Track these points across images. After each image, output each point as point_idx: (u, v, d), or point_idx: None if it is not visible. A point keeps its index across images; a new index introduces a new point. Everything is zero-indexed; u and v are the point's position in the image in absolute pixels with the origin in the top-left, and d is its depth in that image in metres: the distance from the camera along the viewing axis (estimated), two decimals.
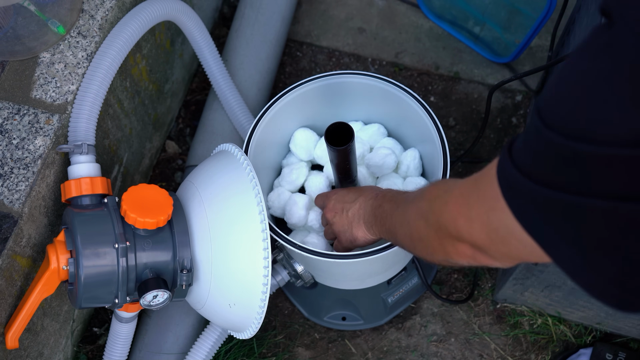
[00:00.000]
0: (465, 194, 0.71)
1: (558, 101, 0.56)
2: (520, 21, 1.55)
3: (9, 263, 1.04)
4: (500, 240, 0.66)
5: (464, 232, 0.71)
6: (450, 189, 0.75)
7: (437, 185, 0.82)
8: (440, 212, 0.76)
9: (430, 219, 0.78)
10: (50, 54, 1.16)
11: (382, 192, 1.04)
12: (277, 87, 1.65)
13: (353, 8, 1.74)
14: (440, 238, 0.77)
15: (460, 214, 0.72)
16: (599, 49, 0.53)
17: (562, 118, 0.54)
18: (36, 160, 1.08)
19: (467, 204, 0.71)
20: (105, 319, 1.43)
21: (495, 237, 0.67)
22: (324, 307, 1.42)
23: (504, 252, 0.68)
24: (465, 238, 0.72)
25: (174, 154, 1.60)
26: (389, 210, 0.96)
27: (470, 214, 0.70)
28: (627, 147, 0.50)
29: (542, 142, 0.56)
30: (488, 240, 0.69)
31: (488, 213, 0.66)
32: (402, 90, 1.20)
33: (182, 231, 1.07)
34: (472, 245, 0.72)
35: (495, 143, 1.59)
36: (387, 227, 0.96)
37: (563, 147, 0.54)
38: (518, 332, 1.43)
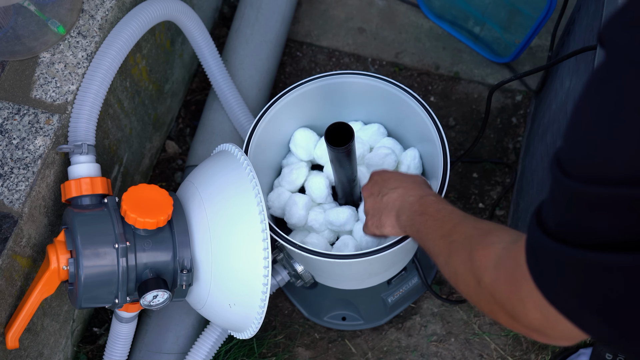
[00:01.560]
0: (511, 271, 0.66)
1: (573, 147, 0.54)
2: (520, 21, 1.55)
3: (9, 263, 1.04)
4: (555, 319, 0.61)
5: (519, 314, 0.66)
6: (499, 263, 0.70)
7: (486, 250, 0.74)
8: (493, 288, 0.70)
9: (481, 287, 0.73)
10: (50, 54, 1.16)
11: (426, 198, 0.98)
12: (277, 87, 1.65)
13: (353, 8, 1.74)
14: (493, 310, 0.72)
15: (512, 293, 0.66)
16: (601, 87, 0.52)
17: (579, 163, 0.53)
18: (36, 160, 1.08)
19: (515, 282, 0.65)
20: (105, 319, 1.43)
21: (548, 315, 0.61)
22: (324, 307, 1.42)
23: (560, 331, 0.63)
24: (521, 320, 0.67)
25: (174, 154, 1.60)
26: (431, 228, 0.91)
27: (521, 294, 0.64)
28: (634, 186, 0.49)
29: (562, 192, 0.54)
30: (544, 321, 0.63)
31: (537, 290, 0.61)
32: (402, 90, 1.20)
33: (182, 231, 1.07)
34: (526, 327, 0.67)
35: (495, 143, 1.59)
36: (424, 244, 0.92)
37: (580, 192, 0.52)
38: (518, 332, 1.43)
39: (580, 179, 0.52)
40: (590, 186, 0.51)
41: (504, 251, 0.70)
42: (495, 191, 1.55)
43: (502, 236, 0.74)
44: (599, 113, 0.52)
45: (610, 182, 0.50)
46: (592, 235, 0.53)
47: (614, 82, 0.51)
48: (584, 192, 0.52)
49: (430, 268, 1.46)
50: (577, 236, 0.54)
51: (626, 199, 0.49)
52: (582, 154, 0.52)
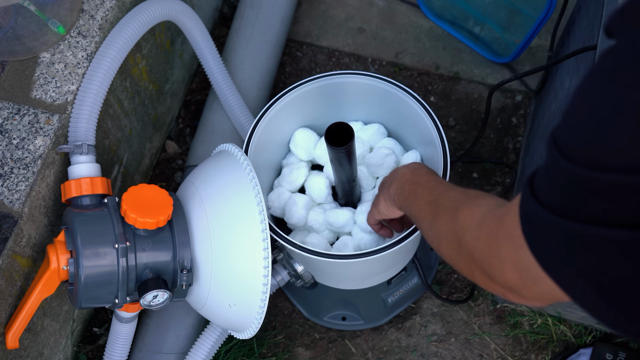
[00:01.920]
0: (494, 231, 0.69)
1: (573, 130, 0.55)
2: (520, 21, 1.55)
3: (9, 263, 1.04)
4: (532, 280, 0.63)
5: (496, 273, 0.69)
6: (482, 223, 0.72)
7: (471, 211, 0.76)
8: (473, 246, 0.73)
9: (462, 246, 0.75)
10: (50, 54, 1.16)
11: (419, 170, 1.00)
12: (277, 87, 1.65)
13: (353, 8, 1.74)
14: (471, 269, 0.75)
15: (492, 253, 0.68)
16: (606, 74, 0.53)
17: (578, 147, 0.54)
18: (36, 160, 1.08)
19: (496, 242, 0.68)
20: (105, 319, 1.43)
21: (526, 277, 0.64)
22: (324, 307, 1.42)
23: (535, 293, 0.65)
24: (497, 279, 0.69)
25: (174, 154, 1.60)
26: (419, 195, 0.93)
27: (501, 254, 0.67)
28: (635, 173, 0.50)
29: (559, 172, 0.55)
30: (520, 281, 0.65)
31: (517, 252, 0.64)
32: (402, 90, 1.20)
33: (182, 231, 1.07)
34: (502, 285, 0.69)
35: (495, 143, 1.59)
36: (410, 210, 0.94)
37: (578, 176, 0.53)
38: (518, 332, 1.43)
39: (578, 162, 0.53)
40: (589, 171, 0.52)
41: (488, 212, 0.72)
42: (495, 191, 1.55)
43: (487, 200, 0.77)
44: (603, 101, 0.52)
45: (609, 168, 0.51)
46: (589, 215, 0.53)
47: (621, 75, 0.51)
48: (581, 176, 0.53)
49: (430, 268, 1.46)
50: (574, 212, 0.55)
51: (624, 186, 0.50)
52: (582, 138, 0.53)
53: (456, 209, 0.80)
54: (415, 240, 1.30)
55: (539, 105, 1.46)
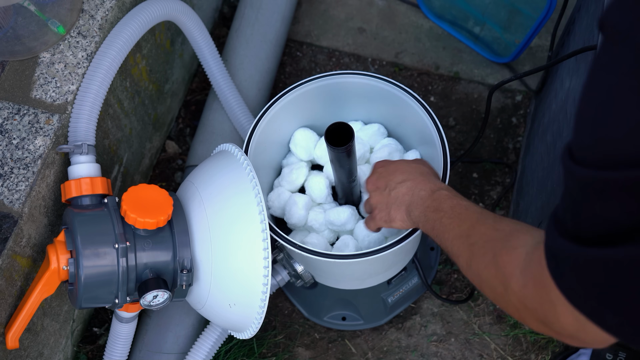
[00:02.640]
0: (539, 276, 0.64)
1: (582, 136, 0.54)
2: (520, 21, 1.55)
3: (9, 263, 1.04)
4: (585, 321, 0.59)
5: (551, 320, 0.64)
6: (526, 269, 0.68)
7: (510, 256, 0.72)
8: (523, 295, 0.68)
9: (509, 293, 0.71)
10: (50, 54, 1.16)
11: (438, 192, 0.95)
12: (277, 87, 1.65)
13: (353, 8, 1.74)
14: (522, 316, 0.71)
15: (543, 299, 0.64)
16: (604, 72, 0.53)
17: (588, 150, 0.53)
18: (36, 160, 1.08)
19: (544, 287, 0.63)
20: (105, 319, 1.43)
21: (582, 319, 0.60)
22: (324, 307, 1.42)
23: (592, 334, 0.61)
24: (553, 326, 0.65)
25: (174, 154, 1.60)
26: (447, 227, 0.88)
27: (552, 298, 0.62)
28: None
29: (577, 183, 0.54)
30: (576, 324, 0.62)
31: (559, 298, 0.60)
32: (402, 90, 1.20)
33: (182, 231, 1.07)
34: (559, 333, 0.65)
35: (495, 143, 1.59)
36: (441, 242, 0.90)
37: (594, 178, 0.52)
38: (518, 332, 1.43)
39: (589, 164, 0.52)
40: (599, 171, 0.51)
41: (528, 255, 0.68)
42: (495, 191, 1.55)
43: (524, 239, 0.72)
44: (605, 98, 0.52)
45: (619, 164, 0.50)
46: (605, 224, 0.52)
47: (617, 66, 0.51)
48: (593, 177, 0.52)
49: (430, 268, 1.46)
50: (592, 227, 0.53)
51: (633, 181, 0.49)
52: (590, 140, 0.52)
53: (494, 253, 0.75)
54: (415, 240, 1.30)
55: (539, 105, 1.46)
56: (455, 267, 1.49)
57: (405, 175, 1.02)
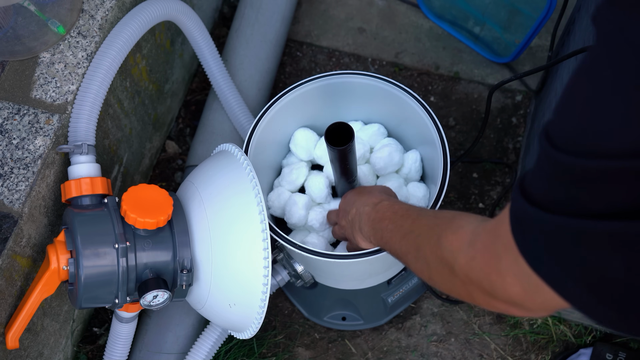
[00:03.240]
0: (490, 246, 0.67)
1: (564, 120, 0.54)
2: (520, 21, 1.55)
3: (9, 263, 1.04)
4: (535, 289, 0.61)
5: (498, 288, 0.66)
6: (474, 241, 0.70)
7: (457, 234, 0.74)
8: (469, 267, 0.70)
9: (456, 270, 0.73)
10: (50, 54, 1.16)
11: (380, 204, 1.00)
12: (277, 87, 1.65)
13: (353, 8, 1.74)
14: (469, 291, 0.72)
15: (491, 268, 0.66)
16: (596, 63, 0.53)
17: (569, 137, 0.53)
18: (36, 160, 1.08)
19: (494, 255, 0.65)
20: (105, 319, 1.43)
21: (529, 286, 0.62)
22: (324, 307, 1.42)
23: (540, 303, 0.63)
24: (499, 294, 0.67)
25: (174, 154, 1.60)
26: (392, 232, 0.91)
27: (500, 266, 0.64)
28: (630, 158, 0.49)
29: (551, 165, 0.55)
30: (523, 293, 0.63)
31: (517, 260, 0.61)
32: (402, 90, 1.20)
33: (182, 231, 1.07)
34: (505, 301, 0.67)
35: (495, 143, 1.59)
36: (391, 248, 0.93)
37: (570, 165, 0.53)
38: (518, 332, 1.43)
39: (570, 152, 0.52)
40: (579, 159, 0.51)
41: (477, 229, 0.70)
42: (495, 191, 1.55)
43: (468, 219, 0.74)
44: (593, 89, 0.52)
45: (602, 154, 0.50)
46: (580, 207, 0.53)
47: (609, 60, 0.51)
48: (573, 165, 0.52)
49: None
50: (565, 207, 0.54)
51: (617, 171, 0.50)
52: (573, 127, 0.53)
53: (438, 235, 0.77)
54: None
55: (539, 105, 1.46)
56: None
57: (354, 198, 1.08)
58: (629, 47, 0.50)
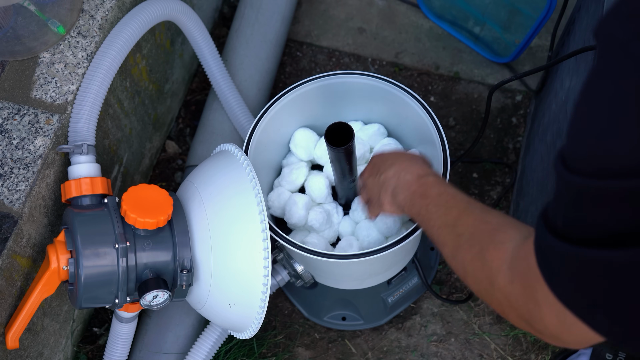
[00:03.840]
0: (526, 274, 0.64)
1: (576, 143, 0.54)
2: (520, 21, 1.55)
3: (9, 263, 1.04)
4: (571, 324, 0.60)
5: (535, 319, 0.64)
6: (513, 266, 0.68)
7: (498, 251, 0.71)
8: (508, 291, 0.68)
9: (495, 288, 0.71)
10: (50, 54, 1.16)
11: (425, 178, 0.95)
12: (277, 87, 1.65)
13: (353, 8, 1.74)
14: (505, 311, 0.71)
15: (528, 297, 0.64)
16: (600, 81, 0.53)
17: (584, 159, 0.53)
18: (36, 160, 1.08)
19: (530, 285, 0.63)
20: (105, 319, 1.43)
21: (564, 320, 0.60)
22: (324, 307, 1.42)
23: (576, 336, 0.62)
24: (536, 325, 0.65)
25: (174, 154, 1.60)
26: (434, 214, 0.88)
27: (537, 297, 0.63)
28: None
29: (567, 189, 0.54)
30: (559, 325, 0.62)
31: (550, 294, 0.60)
32: (402, 90, 1.20)
33: (182, 231, 1.07)
34: (541, 332, 0.66)
35: (495, 143, 1.59)
36: (426, 228, 0.90)
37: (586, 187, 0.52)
38: (518, 332, 1.43)
39: (583, 173, 0.52)
40: (593, 179, 0.51)
41: (515, 251, 0.68)
42: (495, 191, 1.55)
43: (512, 234, 0.71)
44: (600, 107, 0.52)
45: (613, 174, 0.50)
46: (598, 230, 0.52)
47: (613, 76, 0.51)
48: (587, 186, 0.52)
49: (430, 268, 1.46)
50: (584, 232, 0.54)
51: (629, 191, 0.49)
52: (584, 148, 0.53)
53: (481, 246, 0.74)
54: (415, 240, 1.30)
55: (539, 105, 1.46)
56: None
57: (393, 159, 1.03)
58: (632, 62, 0.50)
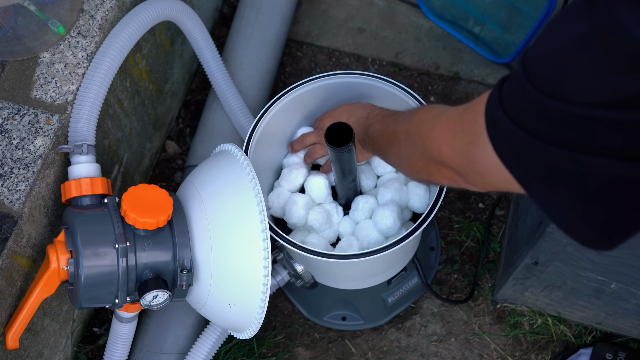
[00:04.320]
0: (452, 123, 0.76)
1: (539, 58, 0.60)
2: (520, 21, 1.55)
3: (9, 263, 1.04)
4: (477, 171, 0.72)
5: (447, 159, 0.77)
6: (439, 116, 0.80)
7: (427, 110, 0.86)
8: (427, 136, 0.81)
9: (417, 141, 0.84)
10: (50, 54, 1.16)
11: (373, 111, 1.09)
12: (277, 87, 1.65)
13: (353, 8, 1.74)
14: (425, 160, 0.83)
15: (445, 141, 0.77)
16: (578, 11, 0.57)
17: (542, 74, 0.59)
18: (36, 160, 1.08)
19: (452, 132, 0.76)
20: (105, 319, 1.43)
21: (472, 168, 0.73)
22: (324, 307, 1.42)
23: (480, 181, 0.74)
24: (447, 164, 0.77)
25: (174, 154, 1.60)
26: (379, 129, 1.01)
27: (454, 143, 0.75)
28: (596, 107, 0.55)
29: (523, 92, 0.61)
30: (467, 169, 0.74)
31: (469, 145, 0.72)
32: (402, 90, 1.20)
33: (182, 231, 1.07)
34: (452, 169, 0.77)
35: None
36: (379, 145, 1.01)
37: (539, 101, 0.59)
38: (518, 332, 1.43)
39: (540, 89, 0.59)
40: (548, 98, 0.58)
41: (446, 108, 0.80)
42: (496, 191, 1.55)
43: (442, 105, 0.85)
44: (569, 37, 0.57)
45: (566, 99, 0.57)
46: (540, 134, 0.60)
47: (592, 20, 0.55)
48: (541, 102, 0.59)
49: (430, 268, 1.46)
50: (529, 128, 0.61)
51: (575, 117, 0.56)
52: (547, 68, 0.59)
53: (412, 114, 0.90)
54: (415, 240, 1.31)
55: None
56: (455, 267, 1.49)
57: (349, 113, 1.15)
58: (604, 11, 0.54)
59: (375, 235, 1.20)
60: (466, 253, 1.50)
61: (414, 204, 1.23)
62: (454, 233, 1.52)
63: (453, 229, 1.52)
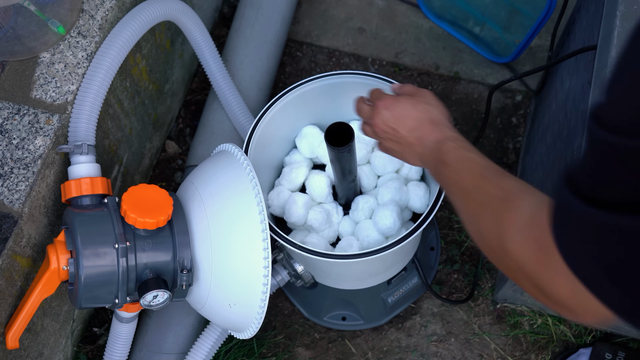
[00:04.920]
0: (541, 239, 0.61)
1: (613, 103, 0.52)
2: (520, 21, 1.55)
3: (9, 263, 1.04)
4: (586, 295, 0.56)
5: (546, 286, 0.62)
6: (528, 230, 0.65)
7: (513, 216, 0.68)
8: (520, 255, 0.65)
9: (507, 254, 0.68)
10: (50, 54, 1.16)
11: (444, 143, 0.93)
12: (277, 87, 1.65)
13: (353, 8, 1.74)
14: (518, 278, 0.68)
15: (540, 263, 0.62)
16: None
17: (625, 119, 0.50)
18: (36, 160, 1.08)
19: (545, 251, 0.60)
20: (105, 319, 1.43)
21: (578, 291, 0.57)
22: (324, 307, 1.42)
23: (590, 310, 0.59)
24: (548, 293, 0.63)
25: (174, 154, 1.60)
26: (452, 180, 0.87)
27: (551, 264, 0.59)
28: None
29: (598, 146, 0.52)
30: (572, 297, 0.59)
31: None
32: None
33: (182, 231, 1.07)
34: (555, 302, 0.63)
35: (495, 143, 1.59)
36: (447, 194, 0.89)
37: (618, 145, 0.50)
38: (518, 332, 1.43)
39: (619, 132, 0.50)
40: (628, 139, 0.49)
41: (531, 217, 0.65)
42: None
43: (526, 200, 0.69)
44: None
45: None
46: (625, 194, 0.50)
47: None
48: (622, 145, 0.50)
49: (430, 268, 1.46)
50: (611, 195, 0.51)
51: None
52: (622, 108, 0.50)
53: (495, 212, 0.72)
54: (415, 240, 1.31)
55: (539, 105, 1.46)
56: (455, 267, 1.49)
57: (414, 123, 0.99)
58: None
59: (375, 235, 1.20)
60: (466, 253, 1.50)
61: (414, 204, 1.23)
62: (454, 233, 1.52)
63: (453, 229, 1.52)
